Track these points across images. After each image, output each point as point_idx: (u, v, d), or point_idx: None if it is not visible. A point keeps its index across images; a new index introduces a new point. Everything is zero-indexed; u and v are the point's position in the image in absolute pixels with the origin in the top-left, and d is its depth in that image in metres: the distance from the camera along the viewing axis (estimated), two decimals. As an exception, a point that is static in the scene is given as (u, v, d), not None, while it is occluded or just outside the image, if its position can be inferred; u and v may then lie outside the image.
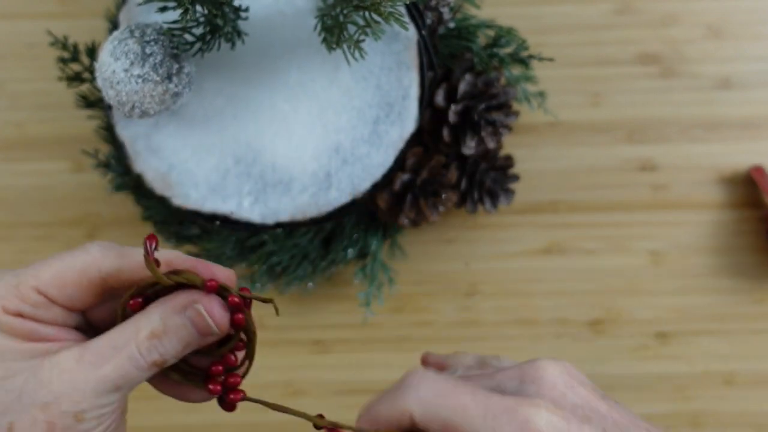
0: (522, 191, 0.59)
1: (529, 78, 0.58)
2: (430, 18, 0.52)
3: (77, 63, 0.54)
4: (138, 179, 0.51)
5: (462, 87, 0.52)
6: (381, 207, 0.53)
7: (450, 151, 0.54)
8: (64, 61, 0.53)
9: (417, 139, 0.52)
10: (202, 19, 0.45)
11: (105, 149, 0.58)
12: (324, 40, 0.45)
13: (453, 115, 0.52)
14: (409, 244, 0.60)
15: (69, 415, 0.27)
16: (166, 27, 0.45)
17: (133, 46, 0.44)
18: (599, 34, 0.61)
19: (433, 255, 0.60)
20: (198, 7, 0.44)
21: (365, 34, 0.43)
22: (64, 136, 0.61)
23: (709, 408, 0.58)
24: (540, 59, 0.53)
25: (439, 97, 0.53)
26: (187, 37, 0.46)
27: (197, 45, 0.46)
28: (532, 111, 0.60)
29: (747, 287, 0.59)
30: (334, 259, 0.56)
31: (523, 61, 0.54)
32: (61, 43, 0.53)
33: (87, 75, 0.54)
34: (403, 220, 0.53)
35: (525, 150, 0.60)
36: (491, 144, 0.53)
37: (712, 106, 0.60)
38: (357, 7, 0.42)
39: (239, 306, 0.29)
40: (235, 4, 0.47)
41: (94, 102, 0.55)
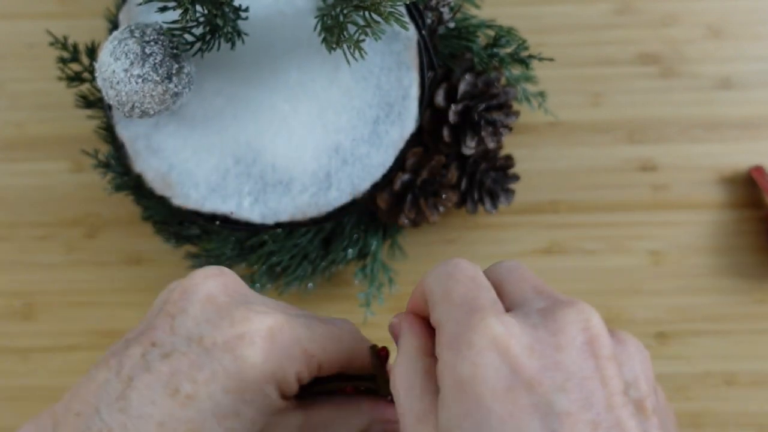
0: (522, 191, 0.59)
1: (529, 78, 0.58)
2: (430, 18, 0.52)
3: (77, 63, 0.54)
4: (138, 179, 0.51)
5: (462, 87, 0.52)
6: (381, 207, 0.53)
7: (450, 151, 0.54)
8: (64, 61, 0.53)
9: (417, 139, 0.52)
10: (202, 19, 0.45)
11: (105, 149, 0.58)
12: (324, 40, 0.45)
13: (453, 115, 0.52)
14: (409, 244, 0.60)
15: None
16: (166, 27, 0.45)
17: (133, 46, 0.44)
18: (599, 34, 0.61)
19: (434, 255, 0.60)
20: (198, 7, 0.44)
21: (365, 34, 0.43)
22: (64, 136, 0.61)
23: (710, 408, 0.58)
24: (540, 59, 0.53)
25: (439, 97, 0.53)
26: (187, 37, 0.46)
27: (197, 45, 0.46)
28: (532, 111, 0.60)
29: (747, 287, 0.59)
30: (334, 260, 0.56)
31: (523, 61, 0.54)
32: (61, 43, 0.53)
33: (87, 75, 0.54)
34: (403, 220, 0.53)
35: (525, 150, 0.60)
36: (491, 144, 0.53)
37: (712, 106, 0.60)
38: (357, 7, 0.42)
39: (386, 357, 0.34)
40: (235, 4, 0.47)
41: (93, 102, 0.55)
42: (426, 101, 0.51)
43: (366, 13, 0.42)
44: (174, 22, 0.44)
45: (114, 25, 0.51)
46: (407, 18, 0.49)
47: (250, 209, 0.51)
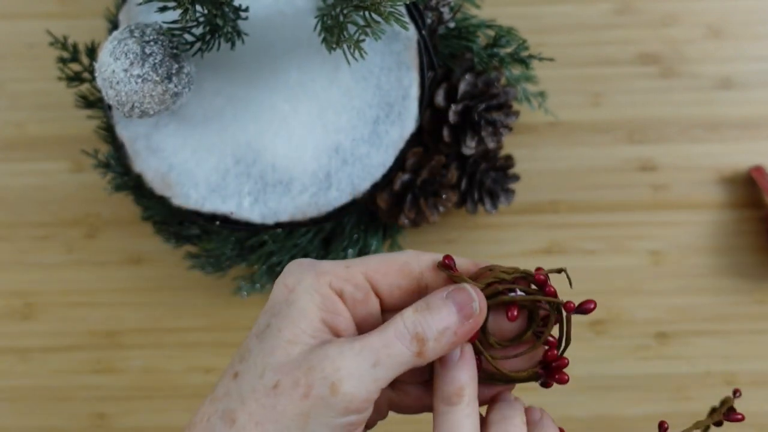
0: (522, 191, 0.59)
1: (530, 78, 0.58)
2: (430, 18, 0.52)
3: (77, 63, 0.54)
4: (138, 179, 0.51)
5: (462, 87, 0.52)
6: (381, 207, 0.53)
7: (450, 151, 0.54)
8: (63, 61, 0.53)
9: (417, 139, 0.52)
10: (201, 19, 0.44)
11: (105, 149, 0.58)
12: (324, 40, 0.45)
13: (453, 115, 0.52)
14: (410, 244, 0.60)
15: (327, 383, 0.28)
16: (165, 27, 0.45)
17: (133, 46, 0.44)
18: (599, 34, 0.61)
19: (433, 255, 0.60)
20: (198, 7, 0.44)
21: (365, 34, 0.43)
22: (64, 136, 0.61)
23: (710, 408, 0.58)
24: (540, 59, 0.53)
25: (439, 97, 0.53)
26: (187, 37, 0.46)
27: (197, 45, 0.46)
28: (532, 111, 0.60)
29: (747, 287, 0.59)
30: (334, 260, 0.56)
31: (524, 61, 0.54)
32: (61, 43, 0.53)
33: (87, 75, 0.54)
34: (403, 220, 0.53)
35: (525, 150, 0.60)
36: (491, 144, 0.53)
37: (712, 106, 0.60)
38: (357, 7, 0.42)
39: (545, 282, 0.31)
40: (235, 4, 0.47)
41: (93, 102, 0.55)
42: (426, 101, 0.51)
43: (366, 13, 0.42)
44: (174, 22, 0.44)
45: (114, 25, 0.51)
46: (407, 18, 0.49)
47: (250, 209, 0.51)
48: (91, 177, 0.60)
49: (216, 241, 0.56)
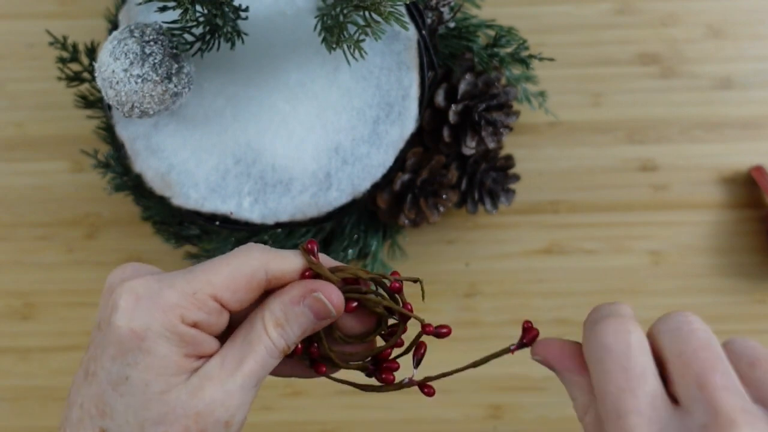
0: (522, 191, 0.59)
1: (530, 78, 0.58)
2: (430, 18, 0.52)
3: (77, 63, 0.54)
4: (138, 179, 0.51)
5: (462, 87, 0.52)
6: (381, 207, 0.53)
7: (450, 151, 0.54)
8: (63, 61, 0.53)
9: (417, 139, 0.52)
10: (201, 19, 0.44)
11: (105, 149, 0.58)
12: (324, 40, 0.45)
13: (453, 115, 0.52)
14: (410, 244, 0.60)
15: (220, 424, 0.29)
16: (165, 27, 0.45)
17: (133, 46, 0.44)
18: (599, 34, 0.61)
19: (434, 255, 0.60)
20: (198, 7, 0.44)
21: (365, 34, 0.42)
22: (64, 136, 0.61)
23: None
24: (540, 59, 0.53)
25: (440, 97, 0.53)
26: (187, 37, 0.46)
27: (197, 45, 0.46)
28: (532, 111, 0.60)
29: (747, 287, 0.59)
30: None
31: (524, 61, 0.54)
32: (61, 43, 0.53)
33: (87, 75, 0.54)
34: (403, 220, 0.53)
35: (525, 150, 0.60)
36: (491, 144, 0.53)
37: (712, 106, 0.60)
38: (357, 7, 0.42)
39: (400, 289, 0.32)
40: (235, 4, 0.47)
41: (93, 102, 0.55)
42: (426, 101, 0.51)
43: (366, 13, 0.42)
44: (174, 21, 0.44)
45: (114, 25, 0.50)
46: (407, 18, 0.49)
47: (250, 209, 0.51)
48: (91, 177, 0.60)
49: (216, 242, 0.56)
